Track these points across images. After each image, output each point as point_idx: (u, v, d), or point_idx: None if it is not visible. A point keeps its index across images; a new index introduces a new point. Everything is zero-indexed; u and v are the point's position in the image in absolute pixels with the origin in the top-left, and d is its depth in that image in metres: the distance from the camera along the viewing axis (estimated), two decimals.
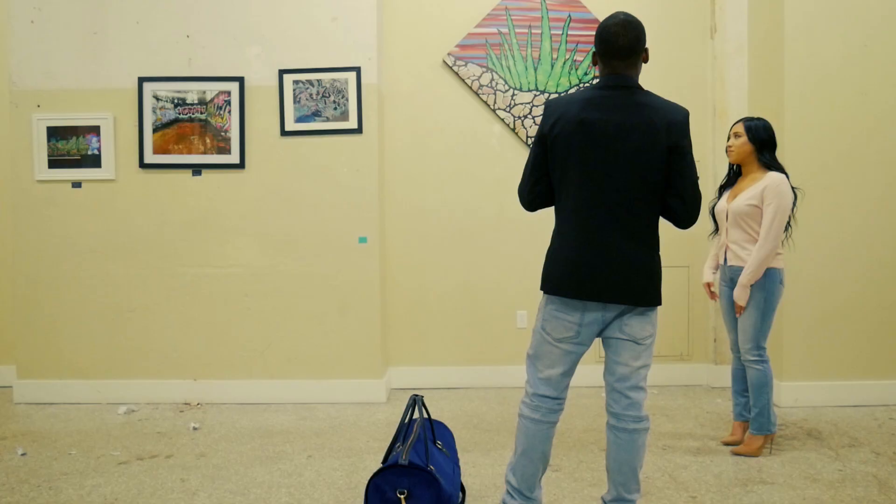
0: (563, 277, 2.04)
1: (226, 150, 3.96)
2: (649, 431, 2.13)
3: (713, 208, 3.20)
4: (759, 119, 3.06)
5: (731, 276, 3.11)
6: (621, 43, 2.02)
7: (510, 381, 4.28)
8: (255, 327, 3.97)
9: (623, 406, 2.09)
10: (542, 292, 2.18)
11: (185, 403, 3.99)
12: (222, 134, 3.97)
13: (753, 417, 3.08)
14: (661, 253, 2.14)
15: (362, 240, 3.94)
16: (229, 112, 3.95)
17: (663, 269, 1.95)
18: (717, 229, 3.23)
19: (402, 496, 2.15)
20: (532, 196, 2.16)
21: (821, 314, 3.80)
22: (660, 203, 2.06)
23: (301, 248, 3.95)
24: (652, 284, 2.05)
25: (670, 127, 1.97)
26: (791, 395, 3.80)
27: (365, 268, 3.95)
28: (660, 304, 2.07)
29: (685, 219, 2.07)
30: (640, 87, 2.05)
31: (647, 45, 2.15)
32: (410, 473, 2.22)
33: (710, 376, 4.27)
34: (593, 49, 2.13)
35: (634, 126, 1.95)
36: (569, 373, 2.16)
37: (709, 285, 3.29)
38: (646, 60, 2.11)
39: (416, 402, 2.57)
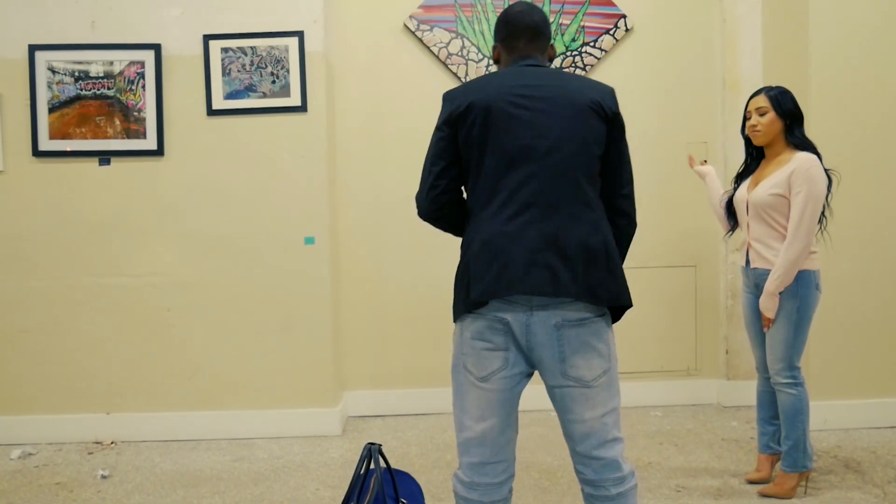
0: (490, 274, 1.72)
1: (140, 134, 3.53)
2: (636, 487, 1.81)
3: (729, 200, 2.91)
4: (778, 88, 2.78)
5: (755, 282, 2.79)
6: (528, 21, 1.89)
7: None
8: (180, 348, 3.57)
9: (596, 470, 1.78)
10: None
11: (96, 443, 3.56)
12: (135, 114, 3.53)
13: (786, 452, 2.76)
14: (662, 251, 1.89)
15: (309, 240, 3.56)
16: (143, 87, 3.52)
17: (666, 269, 1.69)
18: (734, 224, 2.94)
19: None
20: (435, 193, 1.84)
21: (853, 321, 3.51)
22: (598, 184, 1.85)
23: (234, 251, 3.57)
24: (609, 276, 1.75)
25: (603, 95, 1.82)
26: (820, 415, 3.47)
27: (313, 274, 3.57)
28: (625, 302, 1.77)
29: (635, 221, 1.89)
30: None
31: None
32: None
33: (722, 394, 3.98)
34: (493, 42, 1.97)
35: (566, 96, 1.78)
36: (507, 427, 1.80)
37: (692, 161, 3.17)
38: (551, 58, 1.96)
39: (370, 452, 2.20)
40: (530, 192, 1.73)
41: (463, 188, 1.88)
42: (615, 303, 1.75)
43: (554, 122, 1.75)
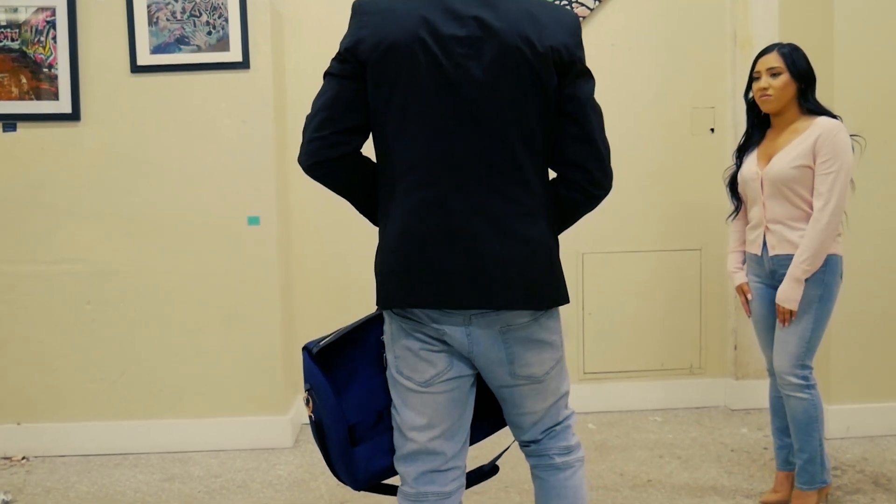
0: (405, 277, 1.55)
1: (51, 95, 3.19)
2: (583, 460, 1.76)
3: (733, 178, 2.70)
4: (790, 44, 2.57)
5: (773, 270, 2.55)
6: None
7: None
8: (103, 348, 3.30)
9: (545, 445, 1.72)
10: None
11: (4, 458, 3.27)
12: (45, 71, 3.17)
13: (801, 467, 2.56)
14: (662, 232, 1.75)
15: (253, 220, 3.27)
16: (54, 39, 3.16)
17: (666, 253, 1.49)
18: (738, 208, 2.71)
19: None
20: (317, 143, 1.54)
21: (879, 315, 3.33)
22: (548, 154, 1.58)
23: (165, 234, 3.28)
24: (551, 273, 1.58)
25: (559, 36, 1.50)
26: (842, 422, 3.31)
27: (258, 260, 3.29)
28: (566, 301, 1.61)
29: (598, 178, 1.58)
30: None
31: None
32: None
33: (730, 395, 3.79)
34: None
35: (511, 32, 1.47)
36: (459, 429, 1.66)
37: (745, 290, 2.72)
38: None
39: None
40: (452, 171, 1.49)
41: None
42: (557, 304, 1.60)
43: (489, 66, 1.46)
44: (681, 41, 3.64)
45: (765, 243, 2.54)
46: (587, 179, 1.55)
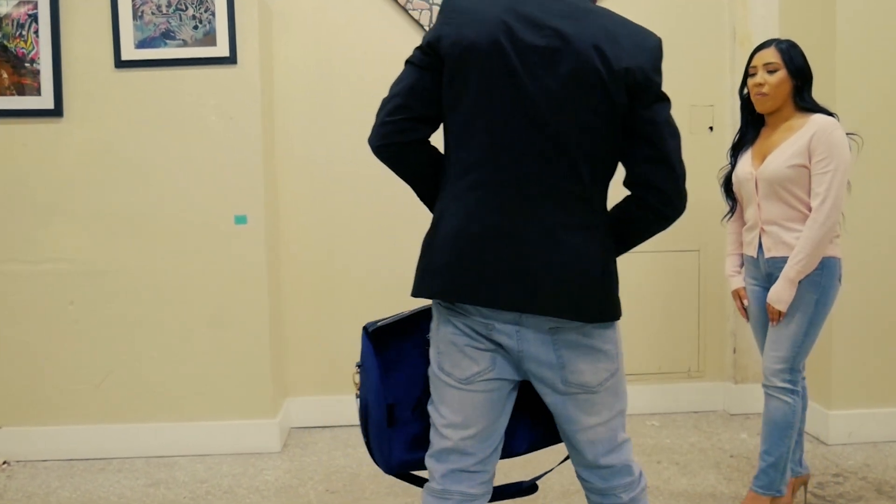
0: (457, 272, 1.57)
1: (33, 90, 3.12)
2: (646, 489, 1.73)
3: (727, 178, 2.65)
4: (787, 41, 2.52)
5: (769, 272, 2.51)
6: None
7: None
8: (87, 350, 3.25)
9: (604, 478, 1.68)
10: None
11: None
12: (27, 65, 3.11)
13: (763, 469, 2.53)
14: (661, 232, 1.67)
15: (240, 220, 3.22)
16: (36, 33, 3.10)
17: (663, 254, 1.57)
18: (732, 209, 2.67)
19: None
20: (389, 127, 1.60)
21: (881, 318, 3.29)
22: (609, 173, 1.61)
23: (150, 233, 3.24)
24: (602, 288, 1.58)
25: (637, 58, 1.52)
26: (843, 427, 3.25)
27: (246, 260, 3.24)
28: (615, 317, 1.61)
29: (671, 199, 1.58)
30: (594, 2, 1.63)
31: None
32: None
33: (729, 399, 3.74)
34: None
35: (588, 47, 1.50)
36: (493, 432, 1.66)
37: (741, 295, 2.68)
38: None
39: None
40: (511, 177, 1.53)
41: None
42: (604, 320, 1.59)
43: (564, 76, 1.49)
44: (679, 38, 3.57)
45: (760, 245, 2.49)
46: (660, 200, 1.57)
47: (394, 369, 1.76)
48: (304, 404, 3.56)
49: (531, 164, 1.52)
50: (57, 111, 3.12)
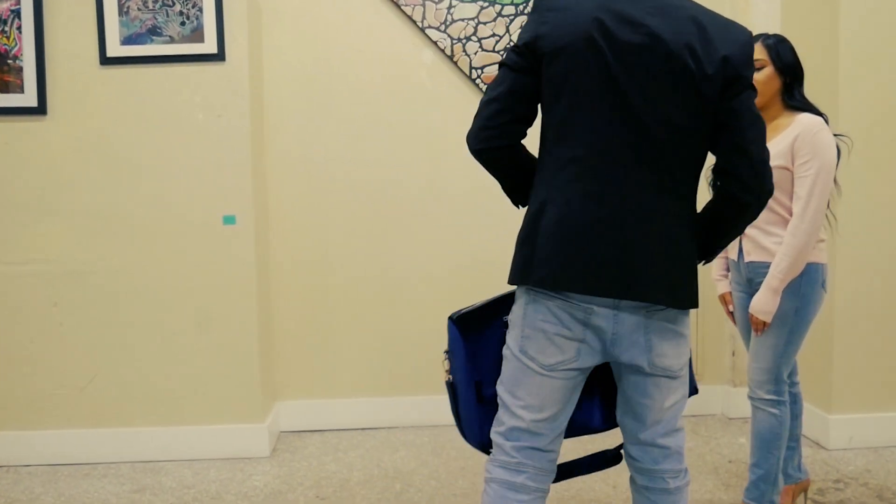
0: (562, 260, 1.63)
1: (16, 87, 3.08)
2: (689, 486, 1.81)
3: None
4: (776, 36, 2.43)
5: (749, 277, 2.45)
6: None
7: (451, 417, 3.45)
8: (71, 352, 3.20)
9: (655, 459, 1.76)
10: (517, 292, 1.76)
11: None
12: (10, 62, 3.06)
13: (753, 482, 2.48)
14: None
15: (228, 220, 3.17)
16: (19, 28, 3.05)
17: None
18: None
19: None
20: (489, 132, 1.68)
21: (881, 321, 3.25)
22: (698, 165, 1.68)
23: (137, 233, 3.19)
24: (691, 276, 1.69)
25: (726, 50, 1.58)
26: (844, 432, 3.21)
27: (234, 260, 3.19)
28: (698, 305, 1.70)
29: (749, 185, 1.63)
30: None
31: None
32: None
33: (727, 403, 3.70)
34: None
35: (679, 44, 1.56)
36: (564, 414, 1.74)
37: (727, 300, 2.64)
38: None
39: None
40: (609, 169, 1.61)
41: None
42: (693, 306, 1.69)
43: (649, 83, 1.56)
44: None
45: (741, 248, 2.43)
46: (739, 187, 1.62)
47: (478, 352, 1.88)
48: (293, 408, 3.51)
49: (627, 157, 1.59)
50: (41, 109, 3.08)
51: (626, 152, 1.59)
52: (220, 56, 3.07)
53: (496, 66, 3.45)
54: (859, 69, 3.13)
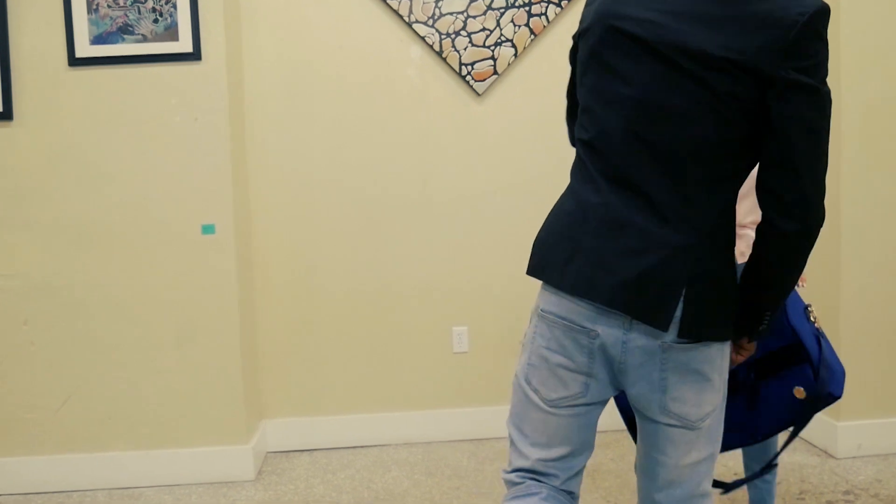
0: (567, 266, 1.47)
1: None
2: None
3: None
4: None
5: None
6: None
7: (445, 434, 3.46)
8: (43, 373, 3.10)
9: None
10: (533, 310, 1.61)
11: None
12: None
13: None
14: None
15: (208, 229, 3.08)
16: None
17: None
18: None
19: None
20: (569, 128, 1.71)
21: (890, 325, 3.23)
22: (733, 180, 1.45)
23: (111, 244, 3.09)
24: (723, 306, 1.46)
25: (765, 39, 1.36)
26: (852, 439, 3.19)
27: (215, 272, 3.10)
28: (725, 338, 1.47)
29: (792, 211, 1.38)
30: None
31: None
32: None
33: None
34: None
35: (717, 26, 1.37)
36: (578, 455, 1.58)
37: None
38: None
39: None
40: (629, 170, 1.43)
41: None
42: (710, 339, 1.46)
43: (681, 79, 1.38)
44: None
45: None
46: (779, 210, 1.37)
47: None
48: (280, 427, 3.41)
49: (651, 160, 1.42)
50: (6, 114, 2.96)
51: (648, 156, 1.48)
52: (195, 55, 2.96)
53: (486, 62, 3.41)
54: (859, 69, 3.12)
